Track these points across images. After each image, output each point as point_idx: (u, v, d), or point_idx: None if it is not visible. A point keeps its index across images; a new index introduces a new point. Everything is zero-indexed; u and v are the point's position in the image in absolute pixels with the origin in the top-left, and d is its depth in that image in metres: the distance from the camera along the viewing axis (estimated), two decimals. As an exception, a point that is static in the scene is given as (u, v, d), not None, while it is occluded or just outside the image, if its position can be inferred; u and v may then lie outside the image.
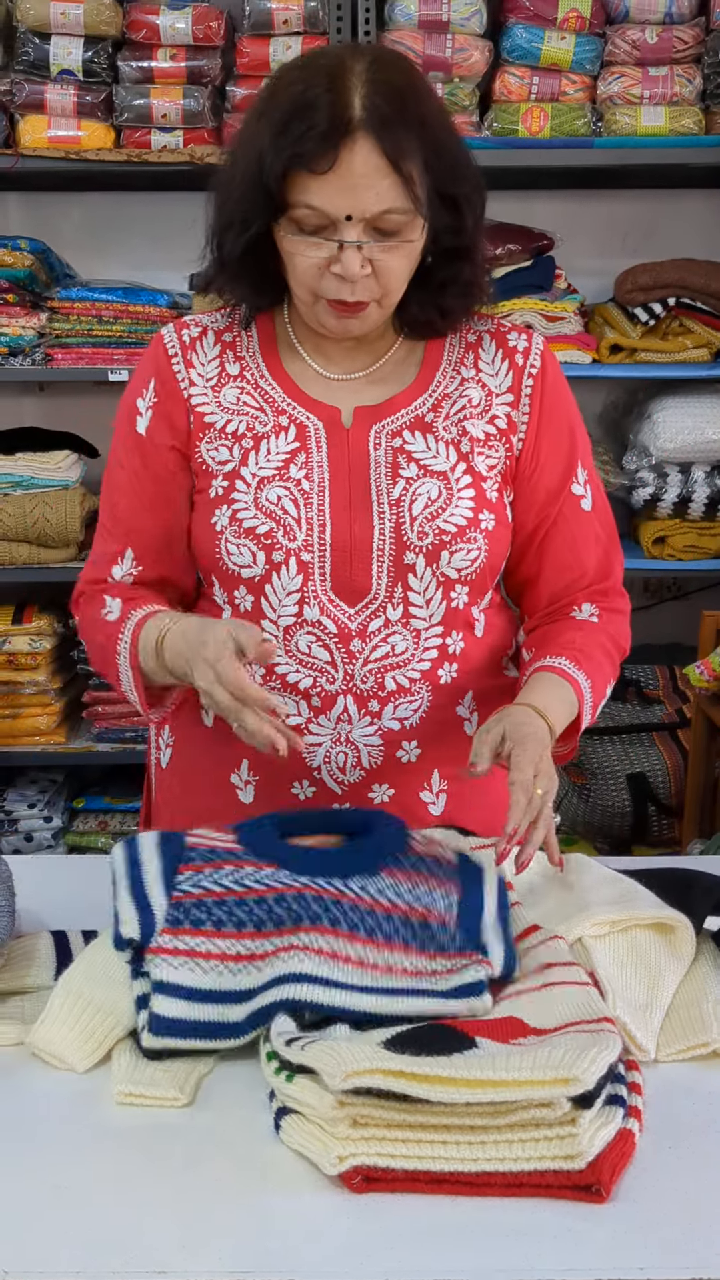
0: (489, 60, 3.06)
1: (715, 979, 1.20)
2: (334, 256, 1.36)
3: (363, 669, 1.46)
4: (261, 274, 1.46)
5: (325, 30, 3.03)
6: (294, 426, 1.48)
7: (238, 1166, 1.01)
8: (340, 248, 1.35)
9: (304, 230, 1.37)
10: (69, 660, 3.26)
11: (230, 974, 1.15)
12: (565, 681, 1.44)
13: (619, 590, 1.59)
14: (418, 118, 1.36)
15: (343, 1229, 0.95)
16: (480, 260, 1.49)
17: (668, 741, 3.28)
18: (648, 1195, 0.98)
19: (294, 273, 1.41)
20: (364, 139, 1.32)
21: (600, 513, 1.56)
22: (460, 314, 1.51)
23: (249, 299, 1.50)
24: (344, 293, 1.38)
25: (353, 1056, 0.99)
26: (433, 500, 1.45)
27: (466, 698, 1.52)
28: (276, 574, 1.45)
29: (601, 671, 1.50)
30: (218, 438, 1.49)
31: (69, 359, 3.07)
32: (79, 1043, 1.13)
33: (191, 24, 3.02)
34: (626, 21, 3.05)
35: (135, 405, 1.53)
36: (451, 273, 1.46)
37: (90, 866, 1.72)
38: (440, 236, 1.43)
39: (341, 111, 1.32)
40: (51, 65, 3.03)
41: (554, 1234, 0.94)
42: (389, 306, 1.44)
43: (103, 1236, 0.94)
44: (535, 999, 1.13)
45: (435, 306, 1.48)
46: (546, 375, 1.53)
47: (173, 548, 1.54)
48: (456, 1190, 0.98)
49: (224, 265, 1.47)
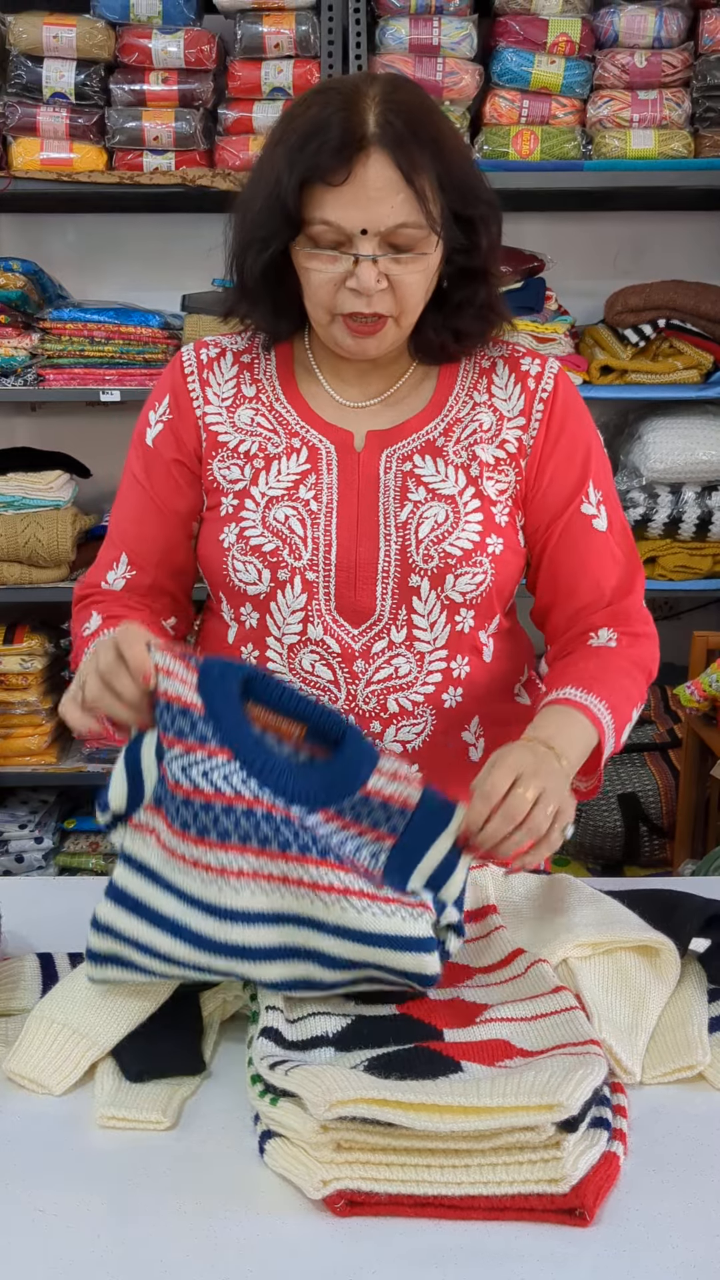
0: (479, 84, 3.08)
1: (700, 1001, 1.20)
2: (350, 271, 1.38)
3: (365, 690, 1.46)
4: (281, 297, 1.47)
5: (317, 54, 3.05)
6: (306, 449, 1.49)
7: (221, 1190, 1.01)
8: (356, 262, 1.37)
9: (320, 246, 1.38)
10: (60, 680, 3.26)
11: (179, 872, 1.16)
12: (575, 710, 1.39)
13: (641, 613, 1.54)
14: (431, 137, 1.38)
15: (326, 1253, 0.94)
16: (496, 283, 1.50)
17: (659, 762, 3.28)
18: (632, 1219, 0.97)
19: (311, 291, 1.42)
20: (378, 153, 1.35)
21: (619, 534, 1.53)
22: (475, 338, 1.51)
23: (269, 324, 1.51)
24: (360, 306, 1.39)
25: (336, 1084, 0.99)
26: (439, 524, 1.46)
27: (473, 723, 1.52)
28: (281, 592, 1.46)
29: (621, 693, 1.44)
30: (230, 457, 1.50)
31: (61, 380, 3.08)
32: (54, 1066, 1.13)
33: (183, 48, 3.04)
34: (616, 46, 3.07)
35: (148, 418, 1.56)
36: (467, 294, 1.47)
37: (77, 889, 1.72)
38: (455, 257, 1.44)
39: (356, 128, 1.35)
40: (44, 88, 3.05)
41: (538, 1258, 0.93)
42: (406, 327, 1.45)
43: (85, 1261, 0.94)
44: (524, 1029, 1.12)
45: (450, 330, 1.49)
46: (558, 397, 1.52)
47: (170, 557, 1.56)
48: (440, 1214, 0.97)
49: (245, 288, 1.49)
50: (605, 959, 1.22)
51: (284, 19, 3.03)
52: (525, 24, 3.05)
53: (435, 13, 3.04)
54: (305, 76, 3.05)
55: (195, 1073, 1.15)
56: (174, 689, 1.20)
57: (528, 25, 3.05)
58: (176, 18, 3.05)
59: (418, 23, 3.04)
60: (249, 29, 3.03)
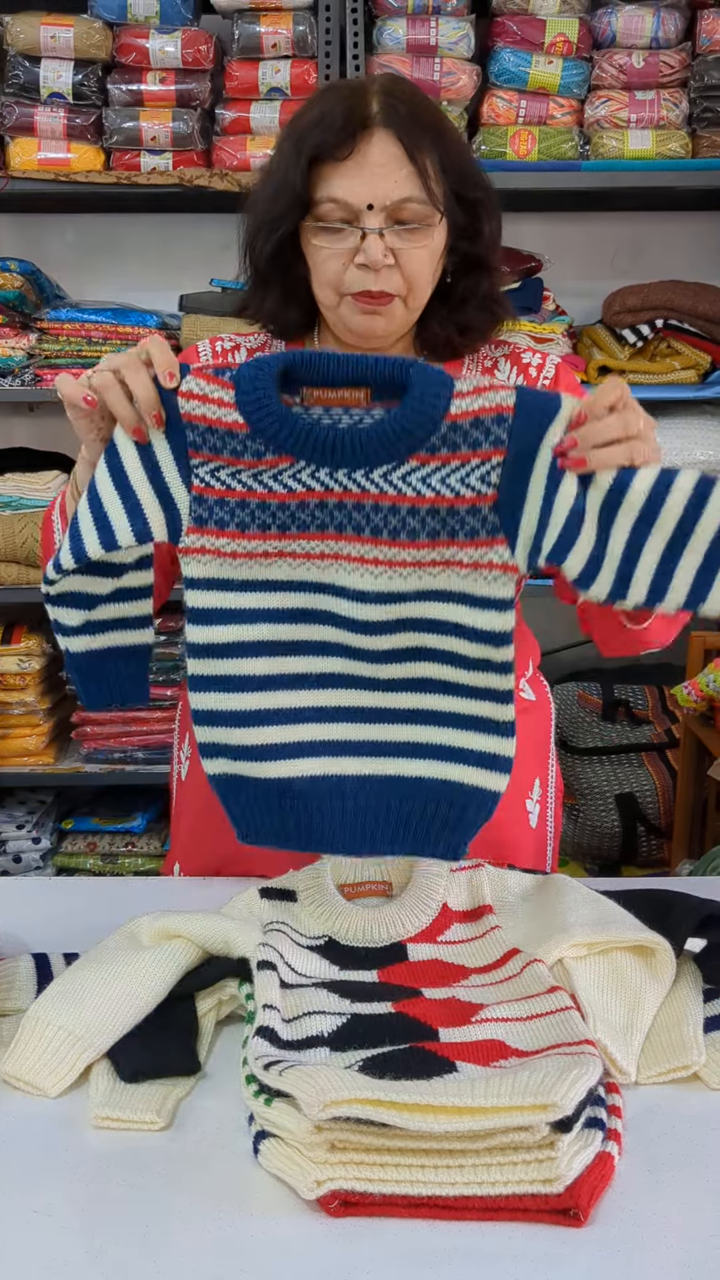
0: (477, 84, 3.08)
1: (695, 1001, 1.20)
2: (357, 247, 1.41)
3: None
4: (290, 282, 1.49)
5: (314, 54, 3.05)
6: None
7: (215, 1190, 1.01)
8: (363, 237, 1.40)
9: (328, 225, 1.42)
10: (58, 681, 3.26)
11: (262, 567, 1.15)
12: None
13: None
14: (431, 122, 1.45)
15: (320, 1253, 0.94)
16: (498, 276, 1.53)
17: (657, 762, 3.28)
18: (627, 1219, 0.97)
19: (319, 271, 1.45)
20: (381, 132, 1.41)
21: None
22: (479, 332, 1.54)
23: (279, 312, 1.53)
24: (368, 282, 1.42)
25: (331, 1084, 0.98)
26: None
27: None
28: None
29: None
30: None
31: (58, 380, 3.08)
32: (50, 1068, 1.12)
33: (181, 48, 3.04)
34: (613, 46, 3.07)
35: None
36: (470, 285, 1.51)
37: (74, 889, 1.72)
38: (459, 244, 1.47)
39: (360, 110, 1.42)
40: (41, 88, 3.04)
41: (532, 1258, 0.93)
42: (414, 309, 1.47)
43: (79, 1261, 0.94)
44: (520, 1029, 1.12)
45: (455, 323, 1.52)
46: (559, 384, 1.55)
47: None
48: (434, 1214, 0.97)
49: (256, 273, 1.52)
50: (601, 959, 1.22)
51: (281, 19, 3.03)
52: (523, 24, 3.05)
53: (433, 13, 3.04)
54: (303, 77, 3.05)
55: (190, 1073, 1.14)
56: (211, 413, 1.16)
57: (525, 25, 3.05)
58: (174, 18, 3.05)
59: (415, 23, 3.03)
60: (246, 29, 3.03)
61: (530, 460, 1.16)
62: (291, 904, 1.31)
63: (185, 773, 1.65)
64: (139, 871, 3.22)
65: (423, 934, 1.28)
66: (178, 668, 3.14)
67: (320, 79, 3.04)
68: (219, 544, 1.18)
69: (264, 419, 1.17)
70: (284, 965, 1.19)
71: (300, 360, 1.20)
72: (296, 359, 1.20)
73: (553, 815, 1.73)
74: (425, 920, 1.29)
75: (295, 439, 1.17)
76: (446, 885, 1.32)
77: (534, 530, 1.18)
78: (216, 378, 1.19)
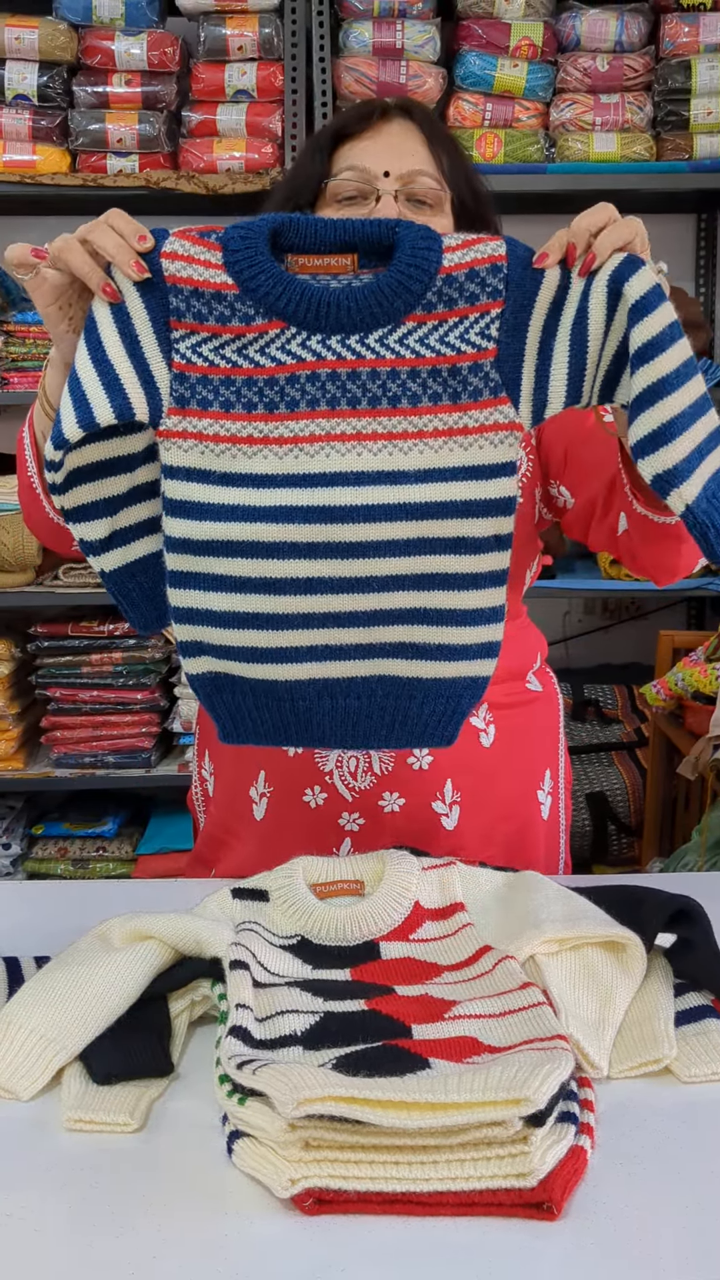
0: (443, 87, 3.09)
1: (666, 995, 1.21)
2: (372, 210, 1.47)
3: None
4: None
5: (280, 56, 3.05)
6: None
7: (189, 1191, 1.01)
8: (378, 200, 1.46)
9: (344, 194, 1.50)
10: (27, 685, 3.24)
11: (246, 457, 1.10)
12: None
13: None
14: (446, 135, 1.58)
15: (295, 1252, 0.94)
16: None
17: (626, 761, 3.29)
18: (600, 1212, 0.98)
19: None
20: (400, 117, 1.55)
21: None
22: None
23: None
24: None
25: (304, 1082, 0.98)
26: None
27: (482, 709, 1.53)
28: None
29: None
30: None
31: (25, 383, 3.07)
32: (22, 1072, 1.12)
33: (146, 50, 3.03)
34: (578, 49, 3.09)
35: None
36: None
37: (44, 894, 1.71)
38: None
39: (381, 104, 1.56)
40: (6, 90, 3.03)
41: (506, 1252, 0.94)
42: None
43: (53, 1264, 0.93)
44: (492, 1025, 1.12)
45: None
46: None
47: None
48: (409, 1210, 0.97)
49: None
50: (572, 955, 1.22)
51: (247, 21, 3.03)
52: (488, 28, 3.06)
53: (398, 16, 3.05)
54: (269, 79, 3.05)
55: (163, 1074, 1.14)
56: (197, 274, 1.12)
57: (490, 29, 3.06)
58: (139, 20, 3.05)
59: (381, 26, 3.04)
60: (212, 31, 3.03)
61: (529, 308, 1.13)
62: (263, 904, 1.31)
63: (214, 788, 1.65)
64: (110, 876, 3.21)
65: (395, 932, 1.28)
66: (148, 671, 3.14)
67: (286, 81, 3.04)
68: (201, 425, 1.11)
69: (255, 276, 1.12)
70: (256, 964, 1.19)
71: (288, 222, 1.17)
72: (284, 220, 1.17)
73: (564, 807, 1.74)
74: (397, 918, 1.29)
75: (288, 297, 1.12)
76: (418, 883, 1.32)
77: (533, 385, 1.15)
78: (203, 239, 1.15)
